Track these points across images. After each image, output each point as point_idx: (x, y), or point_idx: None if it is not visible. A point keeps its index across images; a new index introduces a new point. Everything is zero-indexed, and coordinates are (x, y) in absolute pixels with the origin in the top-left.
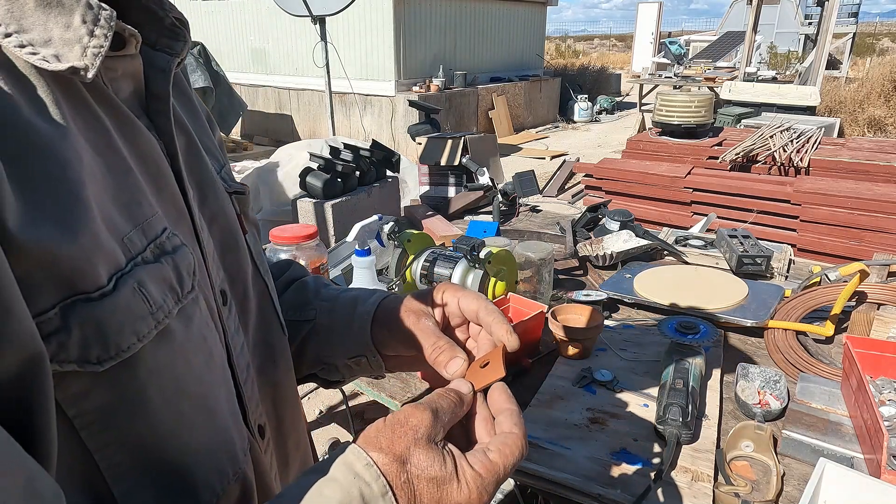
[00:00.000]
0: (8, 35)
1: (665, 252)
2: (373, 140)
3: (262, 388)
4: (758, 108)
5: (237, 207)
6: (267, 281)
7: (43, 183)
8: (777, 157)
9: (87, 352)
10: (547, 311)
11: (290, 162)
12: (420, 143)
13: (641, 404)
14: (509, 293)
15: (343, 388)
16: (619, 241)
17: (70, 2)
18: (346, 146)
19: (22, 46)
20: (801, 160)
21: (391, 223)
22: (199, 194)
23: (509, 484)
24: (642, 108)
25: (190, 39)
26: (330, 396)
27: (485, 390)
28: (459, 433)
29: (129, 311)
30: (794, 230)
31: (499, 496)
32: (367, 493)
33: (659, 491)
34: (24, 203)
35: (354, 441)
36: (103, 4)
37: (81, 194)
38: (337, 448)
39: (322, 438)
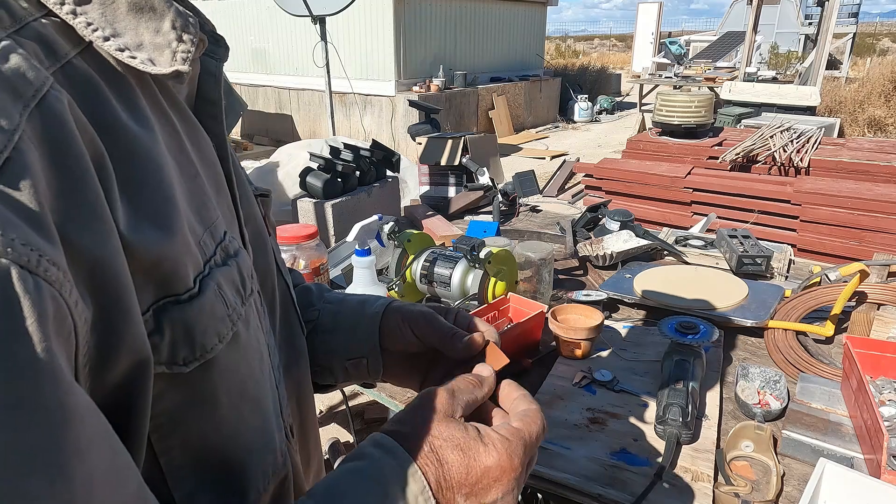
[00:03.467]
0: (107, 39)
1: (665, 252)
2: (373, 140)
3: (288, 389)
4: (758, 108)
5: (262, 209)
6: (288, 281)
7: (143, 186)
8: (777, 157)
9: (175, 354)
10: (547, 311)
11: (290, 162)
12: (420, 143)
13: (641, 404)
14: (509, 293)
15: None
16: (619, 241)
17: (161, 7)
18: (346, 146)
19: (121, 50)
20: (801, 160)
21: (391, 223)
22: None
23: None
24: (642, 108)
25: (227, 47)
26: (330, 396)
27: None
28: (479, 417)
29: (213, 312)
30: (794, 230)
31: None
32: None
33: (659, 491)
34: (128, 205)
35: (384, 430)
36: (189, 12)
37: (174, 197)
38: (371, 440)
39: (322, 438)
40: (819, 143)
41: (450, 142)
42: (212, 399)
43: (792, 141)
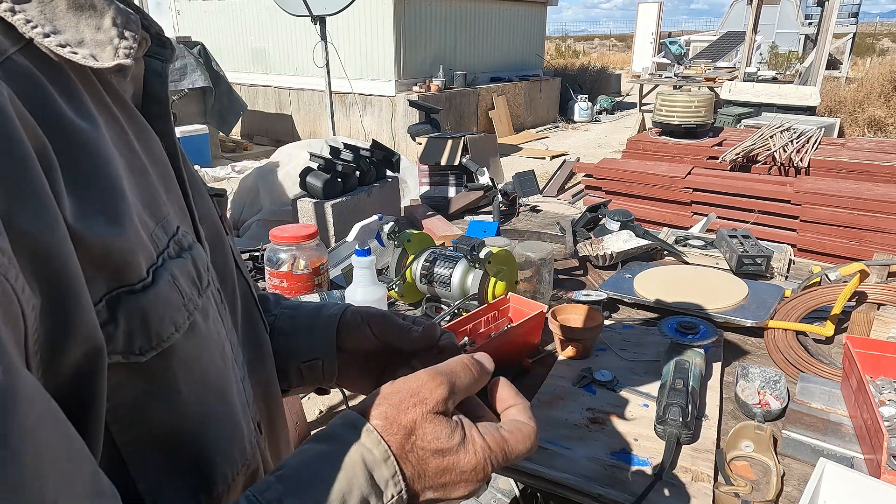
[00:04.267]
0: (47, 35)
1: (665, 252)
2: (373, 140)
3: (254, 387)
4: (758, 108)
5: (218, 209)
6: (248, 280)
7: (90, 178)
8: (777, 157)
9: (131, 343)
10: (547, 311)
11: (290, 162)
12: (420, 143)
13: (641, 404)
14: (509, 293)
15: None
16: (619, 241)
17: (101, 5)
18: (346, 146)
19: (62, 46)
20: (801, 160)
21: (391, 223)
22: (191, 193)
23: (509, 484)
24: (642, 108)
25: (174, 48)
26: (330, 397)
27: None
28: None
29: (168, 301)
30: (794, 230)
31: (500, 496)
32: (368, 458)
33: (659, 491)
34: (75, 198)
35: (352, 408)
36: (129, 9)
37: (122, 189)
38: (337, 416)
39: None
40: (819, 143)
41: (450, 142)
42: (173, 389)
43: (792, 141)
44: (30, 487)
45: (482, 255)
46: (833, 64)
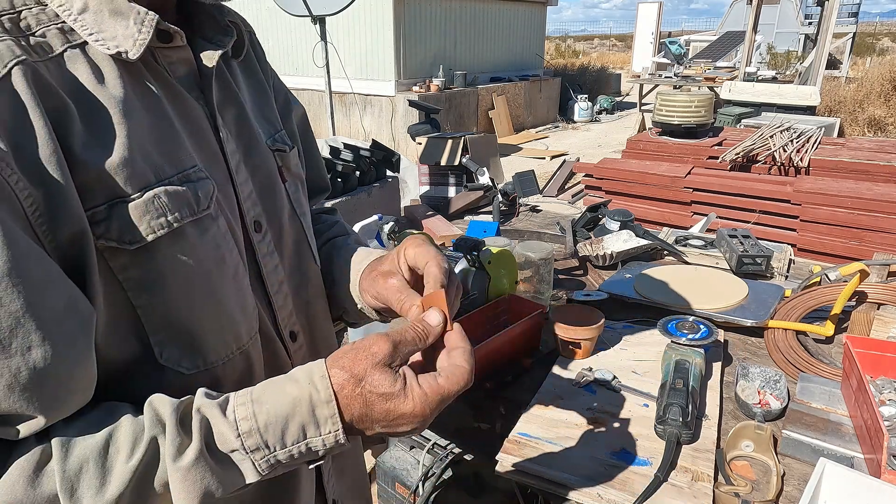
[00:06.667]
0: (91, 35)
1: (665, 252)
2: (373, 140)
3: (297, 305)
4: (758, 108)
5: (279, 162)
6: (303, 222)
7: (101, 125)
8: (777, 157)
9: (122, 235)
10: (547, 312)
11: None
12: (420, 143)
13: (641, 404)
14: (509, 293)
15: None
16: (619, 241)
17: (127, 11)
18: (346, 146)
19: (101, 43)
20: (801, 160)
21: (391, 223)
22: (243, 149)
23: (509, 484)
24: (642, 108)
25: (243, 35)
26: None
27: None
28: (430, 356)
29: (146, 212)
30: (794, 230)
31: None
32: (315, 397)
33: (659, 491)
34: (88, 136)
35: (328, 357)
36: (149, 12)
37: (125, 134)
38: (308, 365)
39: None
40: (819, 143)
41: (450, 142)
42: (160, 278)
43: (792, 141)
44: (14, 283)
45: (482, 255)
46: (833, 64)
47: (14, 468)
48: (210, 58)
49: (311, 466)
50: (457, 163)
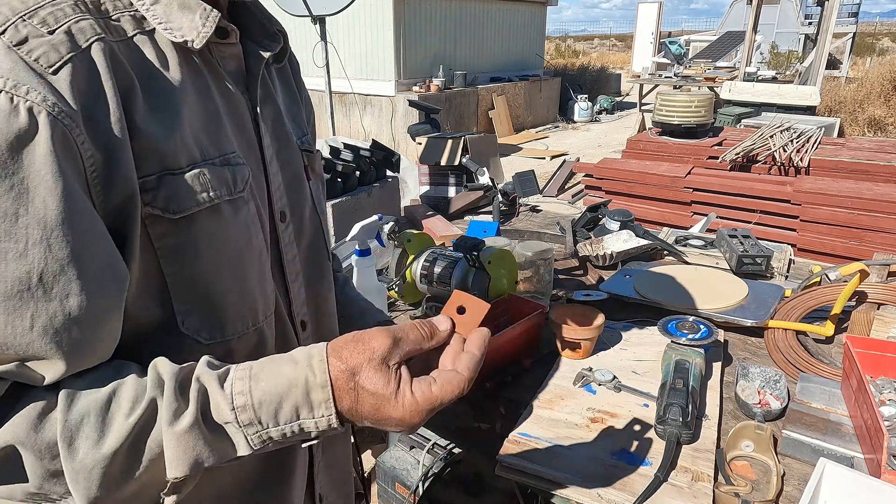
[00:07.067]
0: (161, 24)
1: (665, 252)
2: (373, 140)
3: (309, 296)
4: (758, 108)
5: (305, 161)
6: (322, 220)
7: (160, 102)
8: (777, 156)
9: (168, 204)
10: (547, 311)
11: None
12: (420, 143)
13: (641, 404)
14: (509, 293)
15: None
16: (619, 241)
17: (194, 6)
18: (346, 146)
19: (169, 31)
20: (801, 160)
21: (391, 223)
22: (276, 144)
23: (509, 484)
24: (642, 108)
25: (287, 44)
26: None
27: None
28: (434, 356)
29: (192, 186)
30: (794, 230)
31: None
32: (311, 380)
33: (659, 491)
34: (148, 109)
35: (330, 341)
36: (213, 9)
37: (179, 113)
38: (310, 348)
39: None
40: (819, 143)
41: (450, 142)
42: (193, 248)
43: (792, 141)
44: (65, 235)
45: (482, 255)
46: (833, 64)
47: (23, 411)
48: (259, 58)
49: (305, 445)
50: (457, 163)
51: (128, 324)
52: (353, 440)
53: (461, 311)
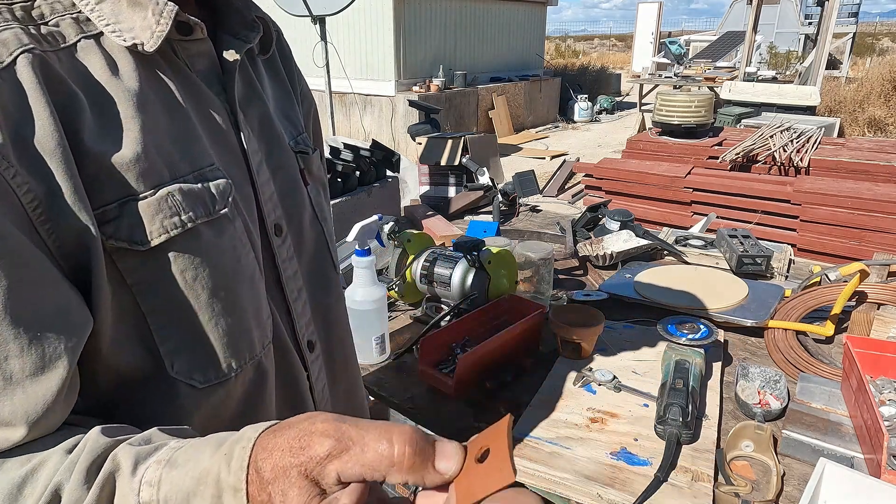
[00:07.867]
0: (108, 26)
1: (665, 252)
2: (373, 140)
3: (315, 311)
4: (758, 108)
5: (301, 164)
6: (325, 227)
7: (114, 118)
8: (777, 157)
9: (133, 235)
10: (547, 311)
11: None
12: (420, 143)
13: (641, 404)
14: (509, 293)
15: None
16: (619, 241)
17: (145, 2)
18: (346, 146)
19: (117, 34)
20: (801, 160)
21: (391, 223)
22: (265, 149)
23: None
24: (642, 108)
25: (270, 31)
26: None
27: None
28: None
29: (160, 210)
30: (795, 230)
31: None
32: (223, 479)
33: (659, 491)
34: (98, 127)
35: (268, 424)
36: (168, 3)
37: (139, 128)
38: (246, 429)
39: None
40: (819, 143)
41: (450, 142)
42: (171, 282)
43: (792, 141)
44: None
45: (482, 255)
46: (833, 64)
47: None
48: (232, 52)
49: None
50: (457, 163)
51: (111, 373)
52: None
53: (482, 458)
